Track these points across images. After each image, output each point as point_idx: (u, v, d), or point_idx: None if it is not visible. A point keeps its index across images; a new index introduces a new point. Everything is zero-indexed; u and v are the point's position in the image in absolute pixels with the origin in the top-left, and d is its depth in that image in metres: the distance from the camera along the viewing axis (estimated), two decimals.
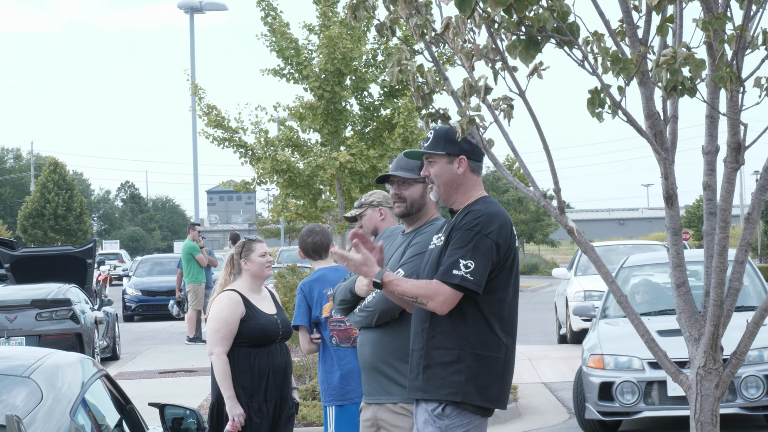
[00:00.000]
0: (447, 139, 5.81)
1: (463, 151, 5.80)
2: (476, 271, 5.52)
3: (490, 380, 5.62)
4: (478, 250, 5.54)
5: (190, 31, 34.38)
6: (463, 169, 5.81)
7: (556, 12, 5.22)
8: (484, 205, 5.73)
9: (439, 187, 5.83)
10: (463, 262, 5.52)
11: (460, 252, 5.55)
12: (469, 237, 5.57)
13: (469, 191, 5.82)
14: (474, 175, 5.85)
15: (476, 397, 5.60)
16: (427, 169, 5.85)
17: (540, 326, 28.57)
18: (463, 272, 5.50)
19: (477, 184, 5.86)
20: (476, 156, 5.84)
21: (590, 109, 5.23)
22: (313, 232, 8.57)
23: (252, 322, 8.18)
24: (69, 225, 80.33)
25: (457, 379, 5.58)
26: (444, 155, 5.81)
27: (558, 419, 14.74)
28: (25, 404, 5.01)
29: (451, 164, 5.81)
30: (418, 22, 5.62)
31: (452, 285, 5.53)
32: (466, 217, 5.65)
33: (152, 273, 36.09)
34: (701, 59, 5.05)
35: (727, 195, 5.35)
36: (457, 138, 5.62)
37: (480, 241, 5.56)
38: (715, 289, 5.36)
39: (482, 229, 5.58)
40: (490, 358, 5.62)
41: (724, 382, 5.46)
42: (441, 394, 5.60)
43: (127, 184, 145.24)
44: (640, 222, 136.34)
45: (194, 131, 33.76)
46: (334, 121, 18.72)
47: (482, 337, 5.62)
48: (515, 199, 60.08)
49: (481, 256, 5.54)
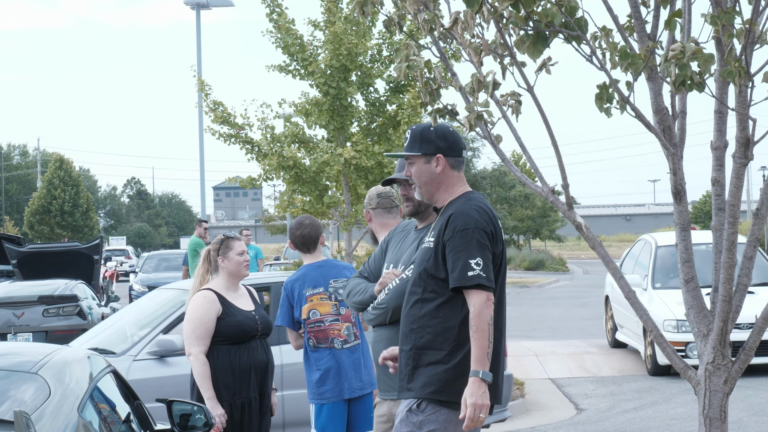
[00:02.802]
0: (423, 139, 5.77)
1: (439, 149, 5.75)
2: (486, 266, 5.49)
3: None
4: (480, 245, 5.51)
5: (196, 27, 34.38)
6: (442, 167, 5.76)
7: (564, 7, 5.21)
8: (466, 201, 5.67)
9: (421, 188, 5.79)
10: (472, 262, 5.48)
11: (466, 253, 5.50)
12: (468, 236, 5.52)
13: (451, 188, 5.77)
14: (454, 171, 5.79)
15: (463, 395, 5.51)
16: (408, 170, 5.82)
17: (546, 322, 28.56)
18: (478, 271, 5.46)
19: (458, 179, 5.81)
20: (454, 152, 5.78)
21: (598, 105, 5.22)
22: (302, 225, 8.45)
23: (229, 319, 8.08)
24: (75, 221, 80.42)
25: (445, 377, 5.54)
26: (421, 155, 5.77)
27: (565, 415, 14.73)
28: (33, 400, 5.00)
29: (429, 164, 5.76)
30: (427, 17, 5.61)
31: (473, 287, 5.48)
32: (453, 220, 5.58)
33: (159, 269, 36.15)
34: (710, 54, 5.04)
35: (735, 190, 5.34)
36: (434, 136, 5.58)
37: (478, 236, 5.52)
38: (724, 285, 5.35)
39: (476, 224, 5.54)
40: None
41: (733, 378, 5.45)
42: (427, 392, 5.55)
43: (133, 180, 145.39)
44: (646, 218, 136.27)
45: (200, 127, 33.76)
46: (339, 117, 18.72)
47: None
48: (522, 195, 60.02)
49: (484, 250, 5.51)
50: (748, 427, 12.95)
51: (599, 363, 19.12)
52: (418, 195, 5.84)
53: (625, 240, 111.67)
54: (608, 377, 17.64)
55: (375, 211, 7.45)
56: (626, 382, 16.93)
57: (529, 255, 69.31)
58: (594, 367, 18.73)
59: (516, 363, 19.42)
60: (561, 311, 32.35)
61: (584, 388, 16.76)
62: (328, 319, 8.29)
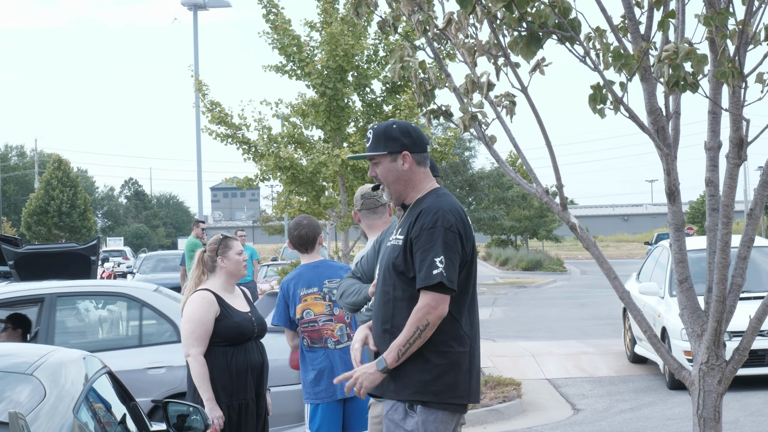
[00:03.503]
0: (387, 138, 5.68)
1: (404, 146, 5.67)
2: (448, 267, 5.41)
3: (459, 376, 5.53)
4: (445, 245, 5.44)
5: (193, 27, 34.41)
6: (408, 164, 5.68)
7: (557, 8, 5.22)
8: (436, 198, 5.60)
9: (389, 187, 5.71)
10: (437, 260, 5.41)
11: (432, 251, 5.43)
12: (434, 235, 5.45)
13: (419, 185, 5.70)
14: (421, 167, 5.71)
15: (445, 395, 5.51)
16: (373, 171, 5.73)
17: (544, 322, 28.57)
18: (441, 269, 5.39)
19: (426, 176, 5.73)
20: (419, 148, 5.70)
21: (592, 106, 5.23)
22: (300, 225, 8.45)
23: (227, 321, 8.07)
24: (73, 222, 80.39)
25: (423, 378, 5.49)
26: (386, 154, 5.69)
27: (562, 415, 14.74)
28: (29, 401, 5.01)
29: (395, 162, 5.68)
30: (421, 18, 5.62)
31: (434, 287, 5.41)
32: (421, 216, 5.52)
33: (157, 269, 36.15)
34: (703, 55, 5.04)
35: (729, 191, 5.35)
36: (398, 133, 5.54)
37: (445, 236, 5.45)
38: (718, 285, 5.36)
39: (443, 223, 5.46)
40: (457, 354, 5.52)
41: (727, 378, 5.46)
42: (407, 394, 5.51)
43: (131, 181, 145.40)
44: (644, 218, 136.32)
45: (198, 128, 33.80)
46: (336, 118, 18.72)
47: (448, 333, 5.52)
48: (519, 195, 60.02)
49: (449, 251, 5.44)
50: (745, 427, 12.96)
51: (596, 363, 19.13)
52: (387, 195, 5.75)
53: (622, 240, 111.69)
54: (605, 377, 17.65)
55: (361, 212, 7.46)
56: (623, 383, 16.94)
57: (526, 255, 69.30)
58: (591, 368, 18.74)
59: (513, 363, 19.43)
60: (558, 311, 32.35)
61: (581, 388, 16.76)
62: (322, 319, 8.30)
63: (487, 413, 14.37)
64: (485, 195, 52.11)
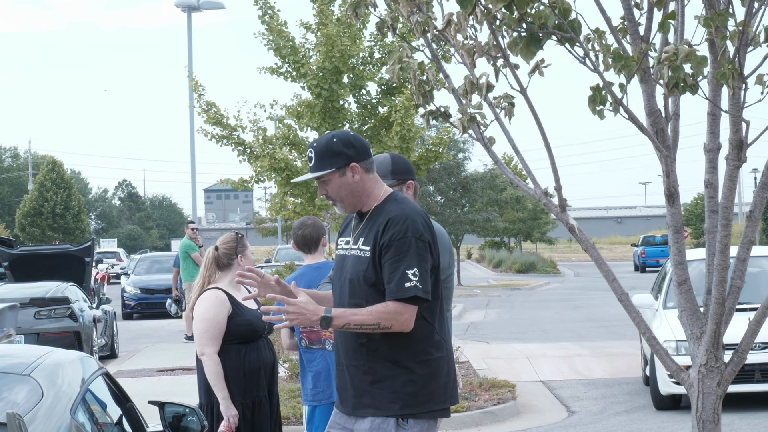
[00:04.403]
0: (331, 153, 5.51)
1: (351, 158, 5.52)
2: (422, 278, 5.33)
3: (440, 382, 5.47)
4: (418, 255, 5.34)
5: (187, 29, 34.37)
6: (359, 175, 5.53)
7: (557, 9, 5.21)
8: (399, 205, 5.49)
9: (343, 202, 5.57)
10: (410, 272, 5.31)
11: (404, 263, 5.33)
12: (405, 246, 5.34)
13: (372, 192, 5.56)
14: (370, 174, 5.57)
15: (431, 404, 5.44)
16: (323, 189, 5.58)
17: (538, 324, 28.58)
18: (415, 282, 5.30)
19: (376, 181, 5.60)
20: (364, 156, 5.56)
21: (591, 107, 5.22)
22: (304, 225, 8.43)
23: (240, 319, 8.06)
24: (67, 223, 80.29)
25: (410, 390, 5.40)
26: (334, 171, 5.52)
27: (556, 417, 14.74)
28: (26, 402, 5.00)
29: (345, 176, 5.52)
30: (420, 19, 5.61)
31: (409, 299, 5.32)
32: (390, 225, 5.40)
33: (151, 271, 36.07)
34: (703, 56, 5.04)
35: (729, 193, 5.35)
36: (341, 146, 5.44)
37: (417, 246, 5.35)
38: (717, 287, 5.35)
39: (414, 233, 5.36)
40: (436, 360, 5.45)
41: (726, 381, 5.46)
42: (395, 409, 5.41)
43: (124, 183, 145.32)
44: (637, 220, 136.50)
45: (192, 128, 33.76)
46: (331, 120, 18.71)
47: (425, 340, 5.44)
48: (513, 197, 60.01)
49: (422, 261, 5.34)
50: (740, 430, 12.97)
51: (590, 365, 19.14)
52: (340, 210, 5.63)
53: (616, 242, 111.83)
54: (600, 380, 17.65)
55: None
56: (617, 385, 16.95)
57: (520, 257, 69.34)
58: (585, 370, 18.75)
59: (507, 365, 19.43)
60: (552, 314, 32.38)
61: (575, 390, 16.76)
62: None
63: (481, 415, 14.36)
64: (479, 197, 52.08)
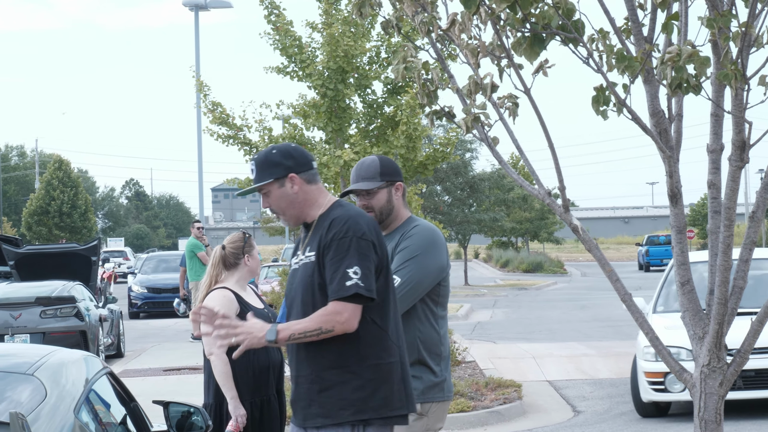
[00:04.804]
0: (269, 165, 5.49)
1: (289, 168, 5.48)
2: (365, 276, 5.25)
3: (393, 388, 5.38)
4: (359, 254, 5.28)
5: (195, 28, 34.41)
6: (298, 185, 5.49)
7: (561, 9, 5.21)
8: (342, 209, 5.44)
9: (285, 214, 5.54)
10: (350, 271, 5.24)
11: (344, 262, 5.27)
12: (346, 245, 5.29)
13: (314, 202, 5.52)
14: (312, 185, 5.52)
15: (384, 410, 5.35)
16: (266, 202, 5.55)
17: (544, 324, 28.58)
18: (356, 280, 5.22)
19: (319, 192, 5.54)
20: (304, 167, 5.51)
21: (595, 107, 5.22)
22: None
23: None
24: (74, 222, 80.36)
25: (360, 395, 5.32)
26: (273, 182, 5.49)
27: (562, 417, 14.74)
28: (29, 401, 5.01)
29: (284, 186, 5.49)
30: (424, 19, 5.62)
31: (350, 298, 5.24)
32: (332, 227, 5.35)
33: (158, 270, 36.11)
34: (706, 57, 5.04)
35: (731, 193, 5.35)
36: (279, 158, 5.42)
37: (358, 244, 5.29)
38: (720, 288, 5.35)
39: (355, 232, 5.31)
40: (387, 365, 5.37)
41: (728, 381, 5.46)
42: (346, 416, 5.32)
43: (131, 182, 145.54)
44: (644, 220, 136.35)
45: (199, 128, 33.80)
46: (337, 119, 18.71)
47: (376, 345, 5.36)
48: (520, 197, 59.97)
49: (364, 259, 5.27)
50: (744, 430, 12.96)
51: (597, 365, 19.13)
52: (284, 222, 5.61)
53: (623, 242, 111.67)
54: (606, 379, 17.64)
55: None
56: (623, 384, 16.93)
57: (527, 257, 69.31)
58: (591, 370, 18.75)
59: (513, 365, 19.43)
60: (559, 313, 32.38)
61: (582, 390, 16.76)
62: None
63: (487, 415, 14.37)
64: (486, 197, 52.09)
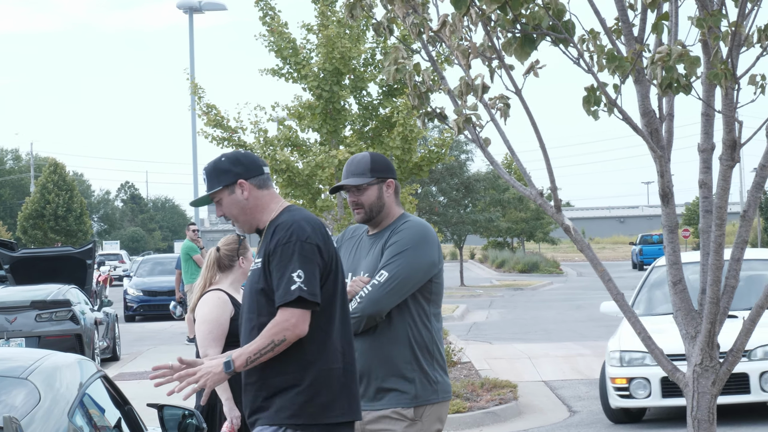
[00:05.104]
0: (219, 172, 5.54)
1: (238, 175, 5.51)
2: (308, 280, 5.26)
3: (334, 394, 5.37)
4: (302, 258, 5.28)
5: (189, 31, 34.42)
6: (248, 191, 5.52)
7: (551, 10, 5.22)
8: (289, 214, 5.46)
9: (237, 220, 5.57)
10: (294, 275, 5.25)
11: (289, 267, 5.27)
12: (290, 250, 5.29)
13: (266, 207, 5.54)
14: (263, 190, 5.55)
15: (321, 416, 5.35)
16: (220, 210, 5.58)
17: (540, 324, 28.60)
18: (299, 283, 5.23)
19: (271, 197, 5.57)
20: (254, 172, 5.54)
21: (586, 108, 5.23)
22: None
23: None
24: (69, 226, 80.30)
25: (299, 400, 5.32)
26: (223, 189, 5.53)
27: (558, 417, 14.75)
28: (23, 405, 5.01)
29: (234, 193, 5.52)
30: (415, 20, 5.63)
31: (294, 302, 5.24)
32: (276, 233, 5.38)
33: (153, 273, 36.08)
34: (696, 57, 5.06)
35: (722, 192, 5.36)
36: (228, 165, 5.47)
37: (301, 249, 5.30)
38: (711, 287, 5.36)
39: (299, 237, 5.31)
40: (330, 371, 5.36)
41: (721, 380, 5.47)
42: (282, 417, 5.34)
43: (127, 185, 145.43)
44: (640, 220, 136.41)
45: (194, 131, 33.81)
46: (332, 121, 18.73)
47: (320, 350, 5.36)
48: (516, 197, 60.01)
49: (308, 263, 5.28)
50: (740, 429, 12.98)
51: (592, 365, 19.14)
52: (239, 230, 5.64)
53: (618, 242, 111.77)
54: None
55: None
56: None
57: (522, 257, 69.36)
58: (587, 370, 18.76)
59: (509, 365, 19.45)
60: (555, 314, 32.40)
61: (577, 390, 16.78)
62: None
63: (483, 415, 14.38)
64: (481, 197, 52.13)
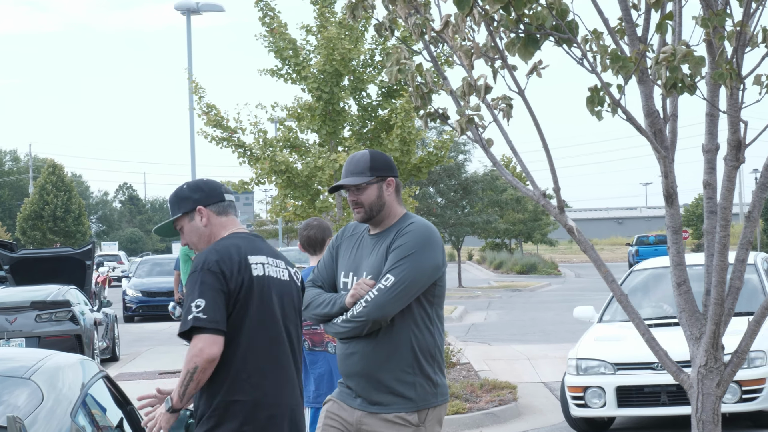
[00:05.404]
0: (179, 199, 5.64)
1: (197, 201, 5.61)
2: (208, 308, 5.28)
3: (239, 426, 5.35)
4: (203, 285, 5.32)
5: (187, 32, 34.38)
6: (206, 218, 5.60)
7: (554, 10, 5.21)
8: (214, 243, 5.53)
9: (197, 248, 5.65)
10: (193, 305, 5.28)
11: (190, 297, 5.32)
12: (195, 278, 5.35)
13: (219, 234, 5.61)
14: (222, 217, 5.63)
15: None
16: (183, 238, 5.67)
17: (539, 326, 28.58)
18: (195, 313, 5.26)
19: (229, 223, 5.65)
20: (214, 199, 5.64)
21: (590, 108, 5.22)
22: (310, 226, 8.42)
23: None
24: (68, 227, 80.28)
25: (204, 428, 5.36)
26: (183, 216, 5.62)
27: (557, 418, 14.72)
28: (26, 405, 5.01)
29: (194, 220, 5.61)
30: (417, 21, 5.61)
31: (191, 331, 5.27)
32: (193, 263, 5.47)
33: (152, 274, 36.09)
34: (701, 56, 5.05)
35: (727, 193, 5.35)
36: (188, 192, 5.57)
37: (203, 276, 5.34)
38: (716, 288, 5.35)
39: (203, 265, 5.37)
40: (232, 403, 5.37)
41: (726, 381, 5.46)
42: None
43: (125, 186, 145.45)
44: (638, 221, 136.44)
45: (192, 131, 33.74)
46: (332, 122, 18.71)
47: (223, 381, 5.37)
48: (513, 198, 59.98)
49: (208, 290, 5.32)
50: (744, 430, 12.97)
51: None
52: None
53: (617, 243, 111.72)
54: None
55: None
56: None
57: (521, 258, 69.33)
58: None
59: (508, 367, 19.43)
60: (553, 315, 32.38)
61: None
62: None
63: (482, 417, 14.36)
64: (479, 198, 52.10)
